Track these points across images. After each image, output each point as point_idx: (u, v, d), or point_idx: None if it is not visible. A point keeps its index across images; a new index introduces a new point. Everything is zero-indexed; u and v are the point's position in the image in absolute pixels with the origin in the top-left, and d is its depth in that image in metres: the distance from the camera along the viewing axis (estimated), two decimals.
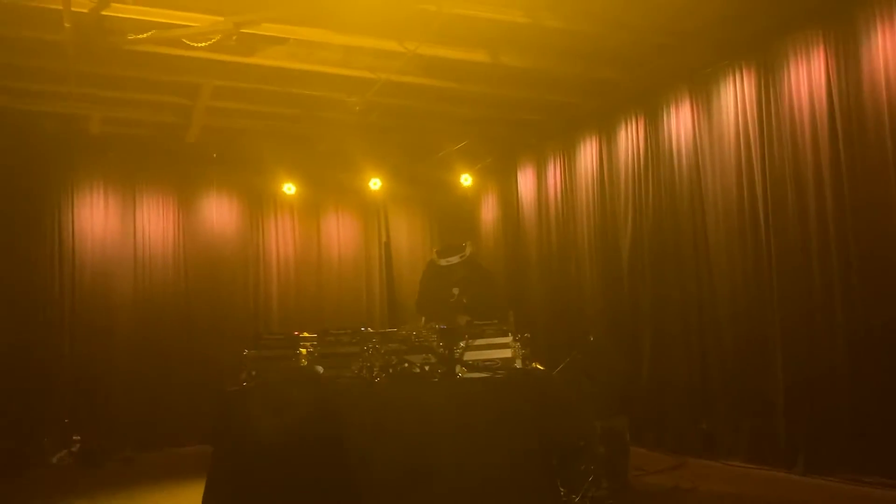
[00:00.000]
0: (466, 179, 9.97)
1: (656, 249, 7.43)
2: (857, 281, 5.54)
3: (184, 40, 6.14)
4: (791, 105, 6.04)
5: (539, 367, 5.59)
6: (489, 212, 10.63)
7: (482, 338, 5.20)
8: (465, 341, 5.16)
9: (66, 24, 5.56)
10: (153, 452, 8.75)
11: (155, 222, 9.55)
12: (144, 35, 6.05)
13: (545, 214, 9.27)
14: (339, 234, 10.62)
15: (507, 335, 5.16)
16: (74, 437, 8.45)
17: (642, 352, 7.54)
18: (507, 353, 5.12)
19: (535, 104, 8.37)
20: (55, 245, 8.96)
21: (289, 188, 9.81)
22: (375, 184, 9.92)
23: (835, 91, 5.71)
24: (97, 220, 9.24)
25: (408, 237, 10.85)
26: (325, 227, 10.56)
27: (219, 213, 9.95)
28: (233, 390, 5.50)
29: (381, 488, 4.95)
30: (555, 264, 9.05)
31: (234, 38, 6.25)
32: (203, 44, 6.15)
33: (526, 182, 9.73)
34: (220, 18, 5.92)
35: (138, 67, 6.92)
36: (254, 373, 5.48)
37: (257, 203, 10.19)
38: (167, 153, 9.47)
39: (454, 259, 5.99)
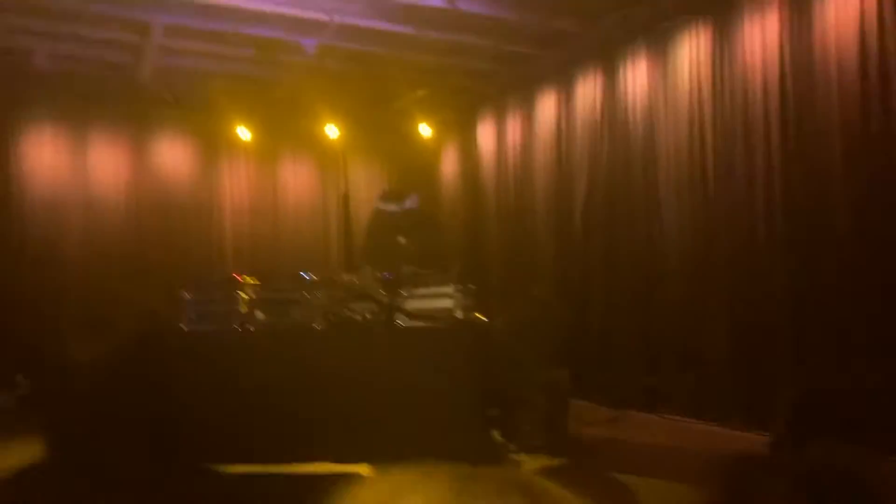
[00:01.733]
0: (426, 130, 9.84)
1: (609, 204, 7.43)
2: (802, 239, 5.58)
3: None
4: (744, 63, 6.01)
5: (481, 317, 5.60)
6: (450, 164, 10.55)
7: (425, 287, 5.18)
8: (407, 290, 5.13)
9: None
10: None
11: (107, 164, 9.32)
12: None
13: (504, 167, 9.22)
14: (297, 181, 10.47)
15: (449, 285, 5.14)
16: (18, 379, 8.32)
17: (591, 305, 7.59)
18: (449, 304, 5.11)
19: (495, 54, 8.25)
20: (3, 185, 8.72)
21: (244, 133, 9.60)
22: (333, 131, 9.74)
23: (787, 51, 5.69)
24: (45, 159, 8.99)
25: (367, 187, 10.70)
26: (281, 174, 10.40)
27: (173, 157, 9.74)
28: (172, 335, 5.44)
29: (316, 437, 4.95)
30: (512, 217, 9.03)
31: None
32: None
33: (486, 135, 9.65)
34: None
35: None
36: (194, 316, 5.43)
37: (213, 148, 9.97)
38: (119, 94, 9.19)
39: (393, 206, 5.93)
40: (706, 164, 6.35)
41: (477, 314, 5.66)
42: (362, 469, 4.98)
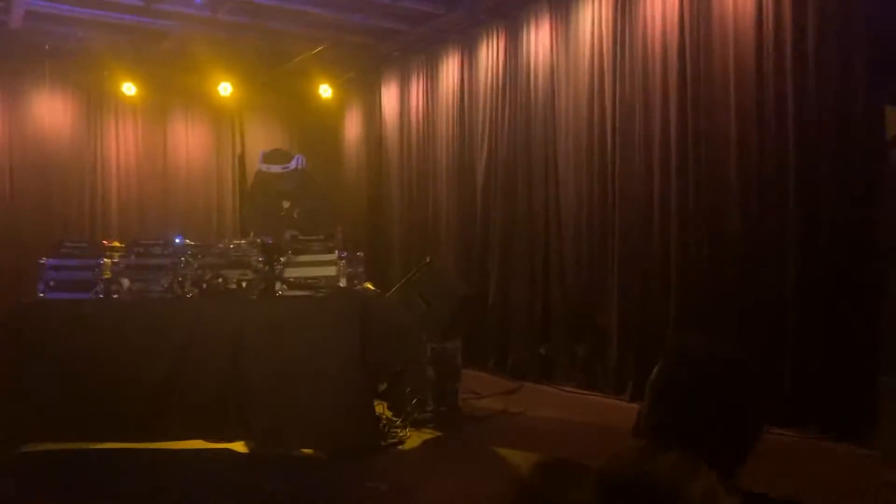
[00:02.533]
0: (326, 91, 9.42)
1: (509, 172, 7.25)
2: (696, 210, 5.49)
3: None
4: (645, 34, 5.89)
5: (370, 287, 5.33)
6: (353, 128, 10.19)
7: (307, 254, 4.87)
8: (286, 257, 4.81)
9: None
10: None
11: None
12: None
13: (407, 131, 8.93)
14: (189, 141, 9.90)
15: (332, 252, 4.84)
16: None
17: (490, 275, 7.42)
18: (332, 272, 4.82)
19: (397, 11, 7.89)
20: None
21: (129, 88, 8.96)
22: (226, 89, 9.20)
23: (686, 23, 5.56)
24: None
25: (265, 149, 10.23)
26: (172, 134, 9.81)
27: (51, 112, 9.04)
28: (26, 303, 4.97)
29: (186, 414, 4.61)
30: (414, 183, 8.77)
31: None
32: None
33: (390, 97, 9.32)
34: None
35: None
36: (52, 283, 4.97)
37: (97, 104, 9.31)
38: None
39: (276, 168, 5.57)
40: (605, 134, 6.22)
41: (366, 283, 5.39)
42: (238, 446, 4.71)
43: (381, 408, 5.05)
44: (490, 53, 7.53)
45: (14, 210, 8.72)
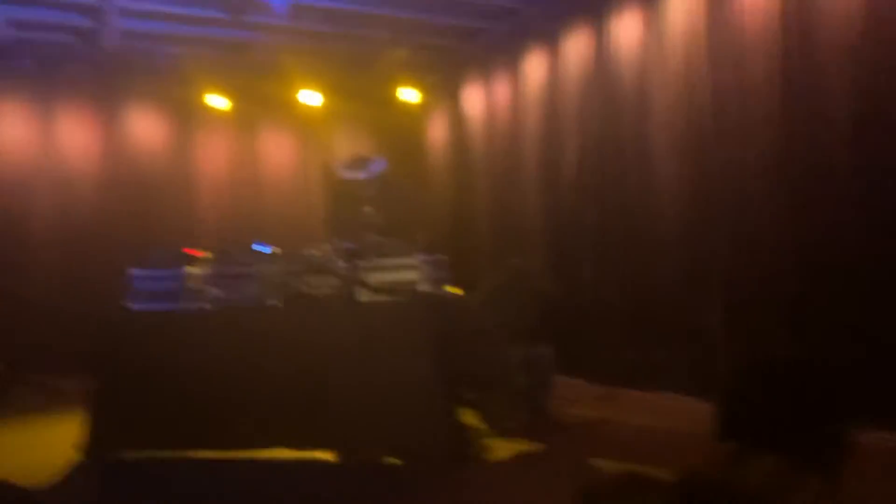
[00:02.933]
0: (411, 95, 9.37)
1: (599, 168, 6.96)
2: (806, 201, 5.09)
3: None
4: (742, 17, 5.48)
5: (453, 290, 5.17)
6: (438, 131, 10.08)
7: (388, 258, 4.75)
8: (367, 262, 4.70)
9: None
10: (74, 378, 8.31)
11: (75, 137, 8.88)
12: None
13: (492, 132, 8.75)
14: (277, 150, 10.02)
15: (414, 256, 4.71)
16: None
17: (582, 277, 7.14)
18: (414, 276, 4.68)
19: (479, 9, 7.74)
20: None
21: (218, 101, 9.15)
22: (312, 97, 9.28)
23: (787, 4, 5.15)
24: (12, 134, 8.59)
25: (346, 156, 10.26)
26: (261, 144, 9.94)
27: (145, 127, 9.29)
28: (117, 313, 5.04)
29: (273, 422, 4.58)
30: (500, 185, 8.58)
31: None
32: None
33: (474, 99, 9.17)
34: None
35: None
36: (140, 293, 5.03)
37: (188, 117, 9.50)
38: (87, 61, 8.76)
39: (357, 173, 5.48)
40: (702, 125, 5.85)
41: (449, 287, 5.23)
42: (324, 456, 4.64)
43: (469, 417, 4.87)
44: (575, 47, 7.27)
45: (111, 223, 8.98)
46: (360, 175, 5.47)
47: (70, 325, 7.86)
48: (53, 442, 4.82)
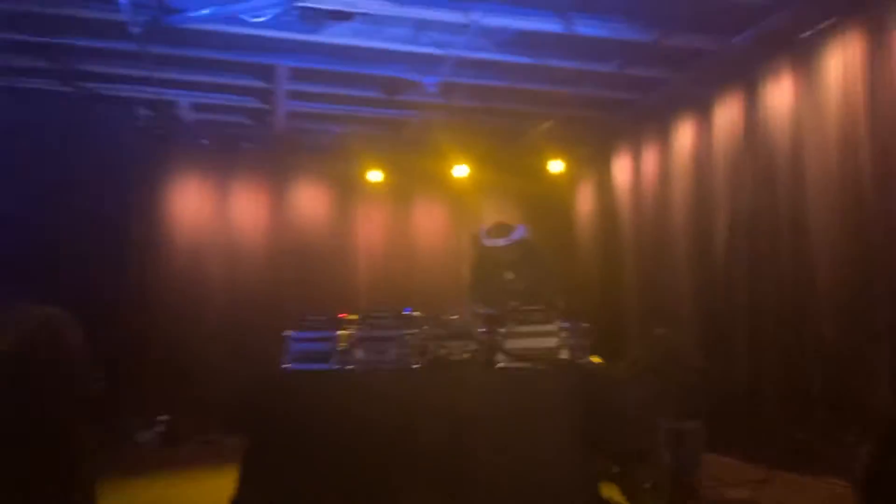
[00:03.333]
0: (558, 166, 9.48)
1: (753, 236, 6.68)
2: None
3: (242, 16, 6.04)
4: None
5: (596, 360, 5.08)
6: (585, 201, 10.08)
7: (527, 324, 4.76)
8: (507, 327, 4.74)
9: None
10: (238, 436, 8.79)
11: (246, 210, 9.63)
12: (205, 11, 5.99)
13: (641, 201, 8.65)
14: (430, 222, 10.38)
15: (553, 323, 4.69)
16: (159, 418, 8.61)
17: (736, 350, 6.80)
18: (553, 343, 4.66)
19: (627, 80, 7.74)
20: (150, 229, 9.21)
21: (375, 176, 9.65)
22: (461, 171, 9.59)
23: None
24: (191, 207, 9.43)
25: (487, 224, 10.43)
26: (414, 216, 10.35)
27: (310, 202, 9.93)
28: (272, 373, 5.33)
29: (411, 485, 4.62)
30: (649, 256, 8.41)
31: (294, 12, 6.08)
32: (260, 19, 6.03)
33: (622, 169, 9.13)
34: None
35: (210, 47, 6.93)
36: (295, 355, 5.30)
37: (348, 191, 10.08)
38: (258, 139, 9.56)
39: (501, 241, 5.56)
40: (862, 189, 5.52)
41: (592, 356, 5.15)
42: None
43: (611, 492, 4.72)
44: (726, 114, 7.11)
45: (279, 288, 9.57)
46: (501, 242, 5.55)
47: (234, 385, 8.37)
48: (216, 496, 5.08)
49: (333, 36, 6.61)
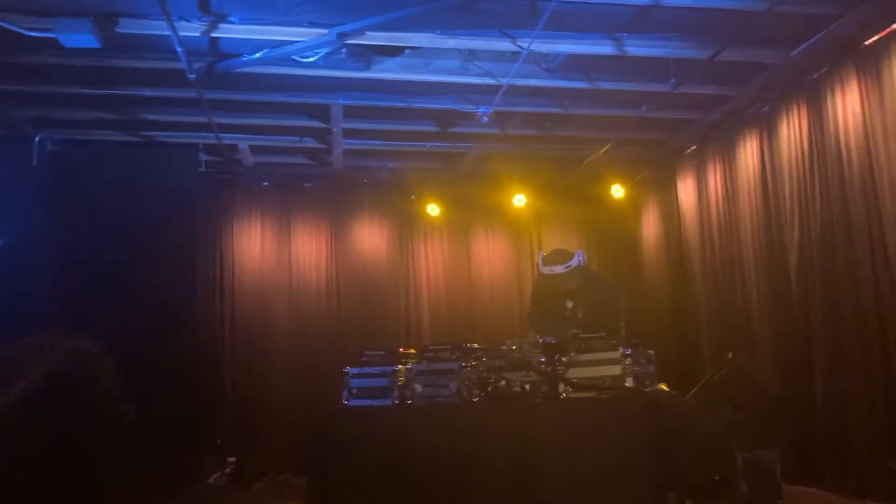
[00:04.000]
0: (618, 191, 9.30)
1: (827, 252, 6.37)
2: None
3: (294, 57, 6.14)
4: None
5: (664, 388, 4.88)
6: (650, 226, 9.85)
7: (589, 352, 4.60)
8: (568, 357, 4.59)
9: (179, 48, 5.71)
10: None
11: (308, 249, 9.74)
12: (257, 55, 6.11)
13: (707, 222, 8.39)
14: (489, 253, 10.29)
15: (616, 350, 4.52)
16: (230, 459, 8.66)
17: (814, 375, 6.46)
18: (617, 371, 4.48)
19: (687, 100, 7.56)
20: (217, 274, 9.38)
21: (433, 209, 9.65)
22: (520, 200, 9.51)
23: None
24: (254, 248, 9.59)
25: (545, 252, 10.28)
26: (474, 248, 10.28)
27: (370, 238, 9.98)
28: (333, 410, 5.29)
29: None
30: (719, 276, 8.13)
31: (344, 50, 6.14)
32: (311, 59, 6.11)
33: (686, 191, 8.89)
34: (324, 31, 5.83)
35: (264, 90, 7.07)
36: (355, 391, 5.26)
37: (407, 226, 10.12)
38: (317, 178, 9.70)
39: (558, 268, 5.42)
40: None
41: (660, 384, 4.94)
42: None
43: None
44: (791, 128, 6.85)
45: (342, 325, 9.63)
46: (559, 269, 5.42)
47: (298, 424, 8.38)
48: None
49: (384, 72, 6.65)
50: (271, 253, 9.63)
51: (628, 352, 4.50)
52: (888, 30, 5.67)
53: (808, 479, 6.27)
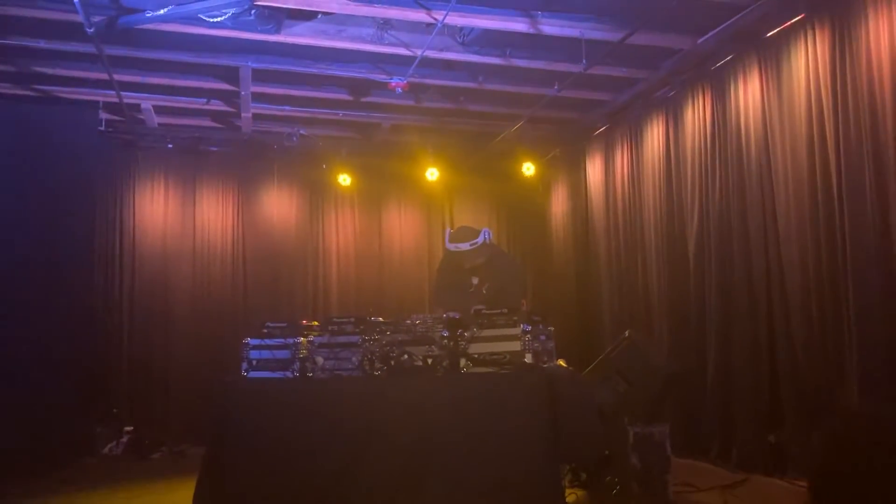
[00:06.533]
0: (529, 169, 9.40)
1: (723, 236, 6.61)
2: None
3: (200, 16, 5.90)
4: (870, 68, 5.11)
5: (562, 364, 4.98)
6: (559, 205, 10.01)
7: (492, 328, 4.64)
8: (470, 332, 4.62)
9: None
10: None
11: (214, 215, 9.46)
12: (162, 11, 5.84)
13: (613, 202, 8.58)
14: (401, 226, 10.24)
15: (517, 326, 4.58)
16: (126, 429, 8.41)
17: (707, 351, 6.73)
18: (516, 347, 4.55)
19: (598, 82, 7.65)
20: (116, 237, 9.02)
21: (344, 179, 9.51)
22: (433, 174, 9.48)
23: None
24: (157, 212, 9.25)
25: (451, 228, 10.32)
26: (386, 220, 10.21)
27: (279, 206, 9.77)
28: (231, 381, 5.19)
29: (371, 495, 4.49)
30: (622, 258, 8.34)
31: (253, 11, 5.94)
32: (218, 19, 5.89)
33: (594, 171, 9.07)
34: None
35: (169, 49, 6.79)
36: (255, 362, 5.17)
37: (317, 195, 9.94)
38: (224, 142, 9.41)
39: (464, 245, 5.45)
40: (830, 188, 5.45)
41: (559, 360, 5.05)
42: None
43: (574, 497, 4.61)
44: (696, 114, 7.06)
45: (247, 294, 9.43)
46: (465, 246, 5.44)
47: (198, 394, 8.20)
48: None
49: (295, 35, 6.47)
50: (175, 218, 9.31)
51: (528, 328, 4.55)
52: (788, 23, 5.87)
53: (697, 453, 6.55)
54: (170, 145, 9.16)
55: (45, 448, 7.24)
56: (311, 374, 4.97)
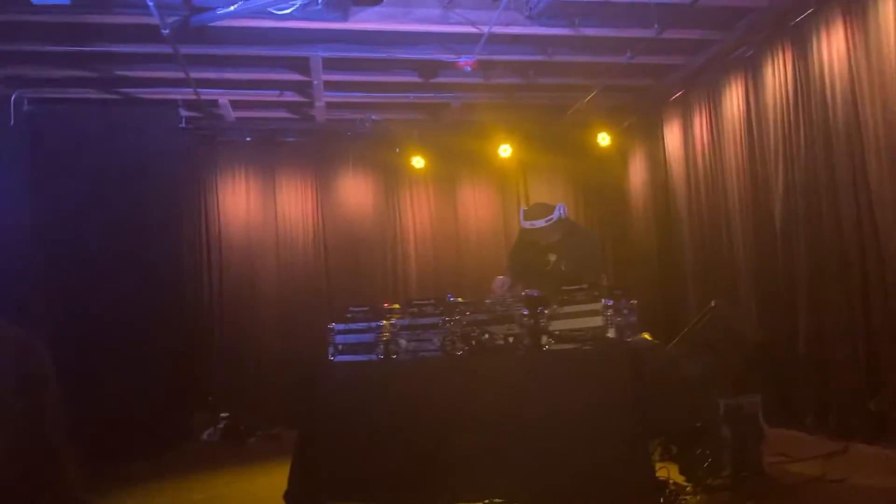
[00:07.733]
0: (605, 139, 9.22)
1: (811, 202, 6.35)
2: None
3: (269, 10, 5.99)
4: None
5: (647, 337, 4.90)
6: (637, 174, 9.80)
7: (572, 304, 4.60)
8: (550, 309, 4.59)
9: (150, 2, 5.57)
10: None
11: (293, 203, 9.68)
12: (231, 8, 5.97)
13: (693, 172, 8.34)
14: (476, 205, 10.23)
15: (598, 302, 4.52)
16: (222, 415, 8.72)
17: (797, 320, 6.50)
18: (598, 322, 4.49)
19: (671, 45, 7.43)
20: (203, 231, 9.33)
21: (417, 161, 9.54)
22: (506, 150, 9.42)
23: None
24: (240, 204, 9.52)
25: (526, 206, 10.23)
26: (460, 199, 10.22)
27: (355, 191, 9.90)
28: (320, 366, 5.31)
29: (459, 473, 4.54)
30: (705, 227, 8.12)
31: (319, 1, 5.99)
32: (287, 11, 5.96)
33: (672, 138, 8.82)
34: None
35: (242, 44, 6.94)
36: (340, 347, 5.27)
37: (392, 179, 10.03)
38: (300, 132, 9.58)
39: (539, 223, 5.39)
40: None
41: (643, 334, 4.97)
42: None
43: (667, 472, 4.54)
44: (776, 73, 6.77)
45: (330, 279, 9.63)
46: (540, 223, 5.39)
47: (287, 380, 8.43)
48: (277, 490, 5.05)
49: (362, 21, 6.50)
50: (257, 208, 9.56)
51: (610, 303, 4.49)
52: None
53: (791, 423, 6.36)
54: (248, 138, 9.38)
55: (147, 435, 7.58)
56: (395, 357, 5.03)
